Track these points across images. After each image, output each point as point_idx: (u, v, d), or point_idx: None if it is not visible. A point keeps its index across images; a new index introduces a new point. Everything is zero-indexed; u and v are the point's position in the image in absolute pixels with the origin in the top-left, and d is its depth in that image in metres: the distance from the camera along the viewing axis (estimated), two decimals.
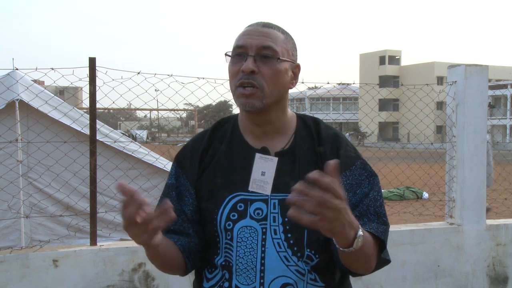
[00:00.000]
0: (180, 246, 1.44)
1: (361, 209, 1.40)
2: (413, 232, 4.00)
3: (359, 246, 1.21)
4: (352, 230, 1.19)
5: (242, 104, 1.41)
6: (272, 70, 1.40)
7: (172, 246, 1.43)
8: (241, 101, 1.41)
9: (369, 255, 1.33)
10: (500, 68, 56.22)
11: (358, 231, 1.20)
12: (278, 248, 1.40)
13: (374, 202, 1.42)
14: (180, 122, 43.19)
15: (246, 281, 1.40)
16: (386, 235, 1.41)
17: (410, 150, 5.37)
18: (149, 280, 3.48)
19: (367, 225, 1.38)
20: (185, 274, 1.50)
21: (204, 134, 1.55)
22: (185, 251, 1.45)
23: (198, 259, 1.49)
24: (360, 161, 1.47)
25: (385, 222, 1.43)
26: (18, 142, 5.42)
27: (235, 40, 1.45)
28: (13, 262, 3.26)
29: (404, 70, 60.62)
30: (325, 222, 1.09)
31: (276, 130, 1.49)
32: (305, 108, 55.94)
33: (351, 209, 1.39)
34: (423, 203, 9.66)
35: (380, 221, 1.41)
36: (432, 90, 4.65)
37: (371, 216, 1.40)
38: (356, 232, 1.20)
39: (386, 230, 1.42)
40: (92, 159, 3.63)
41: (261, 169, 1.44)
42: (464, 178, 4.09)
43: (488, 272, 4.18)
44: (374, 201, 1.43)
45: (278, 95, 1.44)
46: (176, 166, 1.54)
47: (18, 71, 4.95)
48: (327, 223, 1.09)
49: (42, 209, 5.93)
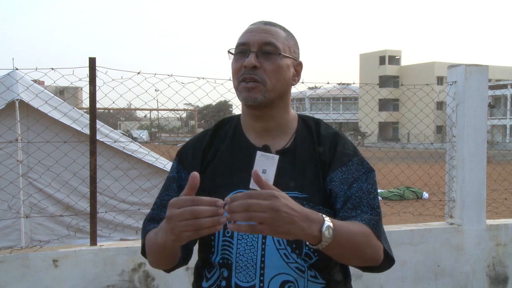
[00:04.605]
0: None
1: (354, 201, 1.41)
2: (413, 232, 4.00)
3: (331, 237, 1.20)
4: (313, 224, 1.18)
5: (245, 98, 1.43)
6: (274, 65, 1.43)
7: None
8: (243, 95, 1.43)
9: (356, 244, 1.31)
10: (500, 68, 56.22)
11: (324, 223, 1.20)
12: (278, 245, 1.40)
13: (367, 195, 1.43)
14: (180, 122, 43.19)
15: (246, 278, 1.40)
16: (379, 225, 1.40)
17: (410, 150, 5.36)
18: (149, 280, 3.48)
19: (359, 216, 1.38)
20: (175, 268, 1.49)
21: (206, 133, 1.56)
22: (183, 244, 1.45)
23: (190, 254, 1.49)
24: (357, 157, 1.47)
25: (378, 214, 1.42)
26: (18, 142, 5.42)
27: (238, 38, 1.47)
28: (13, 262, 3.26)
29: (404, 70, 60.61)
30: (267, 225, 1.11)
31: (278, 127, 1.50)
32: (305, 108, 55.94)
33: (344, 202, 1.40)
34: (423, 203, 9.68)
35: (373, 213, 1.41)
36: (432, 90, 4.65)
37: (364, 207, 1.40)
38: (321, 225, 1.19)
39: (379, 221, 1.41)
40: (92, 159, 3.63)
41: (262, 167, 1.45)
42: (464, 178, 4.09)
43: (488, 272, 4.18)
44: (367, 193, 1.43)
45: (281, 89, 1.46)
46: (177, 162, 1.54)
47: (18, 71, 4.96)
48: (269, 225, 1.11)
49: (42, 209, 5.93)
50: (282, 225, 1.13)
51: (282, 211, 1.12)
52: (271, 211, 1.11)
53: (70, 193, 5.31)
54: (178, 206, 1.13)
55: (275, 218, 1.11)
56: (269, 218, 1.11)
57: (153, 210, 1.51)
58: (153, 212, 1.51)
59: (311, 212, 1.20)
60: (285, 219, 1.13)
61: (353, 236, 1.29)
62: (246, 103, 1.44)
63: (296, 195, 1.42)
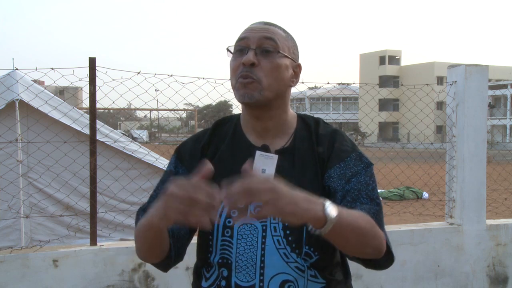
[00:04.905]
0: (169, 231, 1.42)
1: (353, 194, 1.40)
2: (413, 232, 4.01)
3: (335, 217, 1.19)
4: (316, 205, 1.18)
5: (241, 95, 1.42)
6: (272, 63, 1.42)
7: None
8: (240, 92, 1.42)
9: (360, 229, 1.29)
10: (500, 68, 56.24)
11: (326, 203, 1.20)
12: (278, 245, 1.40)
13: (365, 187, 1.42)
14: (180, 122, 43.18)
15: (246, 278, 1.40)
16: (379, 216, 1.39)
17: (410, 150, 5.37)
18: (149, 280, 3.48)
19: (358, 208, 1.37)
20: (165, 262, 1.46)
21: (206, 132, 1.57)
22: (174, 236, 1.44)
23: (183, 250, 1.48)
24: (356, 153, 1.46)
25: (379, 204, 1.42)
26: (18, 142, 5.42)
27: (238, 36, 1.48)
28: (13, 262, 3.26)
29: (404, 70, 60.63)
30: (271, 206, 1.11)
31: (277, 126, 1.50)
32: (305, 108, 55.95)
33: (343, 196, 1.40)
34: (423, 203, 9.68)
35: (373, 203, 1.40)
36: (432, 90, 4.66)
37: (363, 199, 1.40)
38: (323, 205, 1.19)
39: (379, 211, 1.40)
40: (92, 159, 3.63)
41: (262, 167, 1.44)
42: (464, 178, 4.10)
43: (488, 272, 4.18)
44: (365, 185, 1.42)
45: (277, 89, 1.45)
46: (176, 157, 1.55)
47: (18, 71, 4.96)
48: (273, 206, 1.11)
49: (42, 209, 5.93)
50: (285, 205, 1.13)
51: (282, 192, 1.13)
52: (271, 192, 1.11)
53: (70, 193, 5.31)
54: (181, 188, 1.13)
55: (277, 199, 1.12)
56: (271, 198, 1.11)
57: (148, 202, 1.52)
58: (148, 204, 1.51)
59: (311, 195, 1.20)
60: (287, 199, 1.13)
61: (356, 220, 1.28)
62: (243, 100, 1.43)
63: None
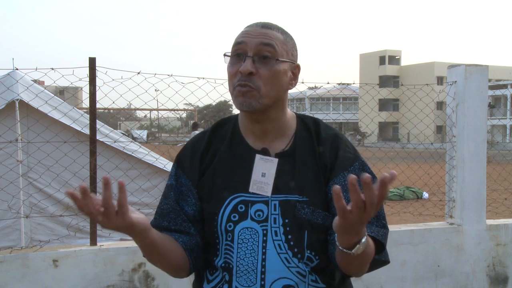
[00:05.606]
0: (182, 243, 1.43)
1: None
2: (413, 232, 4.00)
3: (360, 251, 1.22)
4: (359, 236, 1.21)
5: (240, 103, 1.40)
6: (270, 71, 1.39)
7: (173, 243, 1.42)
8: (238, 100, 1.40)
9: (366, 259, 1.33)
10: (500, 68, 56.22)
11: (363, 237, 1.21)
12: (279, 249, 1.40)
13: None
14: (180, 122, 43.19)
15: (247, 282, 1.40)
16: (386, 238, 1.42)
17: (410, 150, 5.36)
18: (149, 280, 3.48)
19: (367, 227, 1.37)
20: (189, 274, 1.49)
21: (204, 134, 1.55)
22: (187, 248, 1.44)
23: (200, 258, 1.47)
24: (359, 161, 1.46)
25: (385, 226, 1.43)
26: (18, 142, 5.42)
27: (234, 40, 1.44)
28: (13, 262, 3.26)
29: (404, 70, 60.61)
30: (357, 218, 1.11)
31: (276, 129, 1.48)
32: (305, 108, 55.90)
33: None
34: (423, 203, 9.68)
35: (379, 224, 1.40)
36: (432, 90, 4.65)
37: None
38: (361, 238, 1.21)
39: (386, 234, 1.42)
40: (92, 159, 3.63)
41: (261, 170, 1.44)
42: (464, 178, 4.09)
43: (488, 272, 4.18)
44: None
45: (276, 96, 1.43)
46: (176, 167, 1.53)
47: (18, 71, 4.96)
48: (358, 219, 1.12)
49: (42, 209, 5.93)
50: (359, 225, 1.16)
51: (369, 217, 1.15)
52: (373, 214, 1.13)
53: None
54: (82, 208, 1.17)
55: (366, 219, 1.13)
56: (367, 218, 1.13)
57: (154, 219, 1.50)
58: (154, 220, 1.50)
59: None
60: (364, 223, 1.15)
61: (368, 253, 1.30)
62: (241, 108, 1.41)
63: (296, 198, 1.41)
